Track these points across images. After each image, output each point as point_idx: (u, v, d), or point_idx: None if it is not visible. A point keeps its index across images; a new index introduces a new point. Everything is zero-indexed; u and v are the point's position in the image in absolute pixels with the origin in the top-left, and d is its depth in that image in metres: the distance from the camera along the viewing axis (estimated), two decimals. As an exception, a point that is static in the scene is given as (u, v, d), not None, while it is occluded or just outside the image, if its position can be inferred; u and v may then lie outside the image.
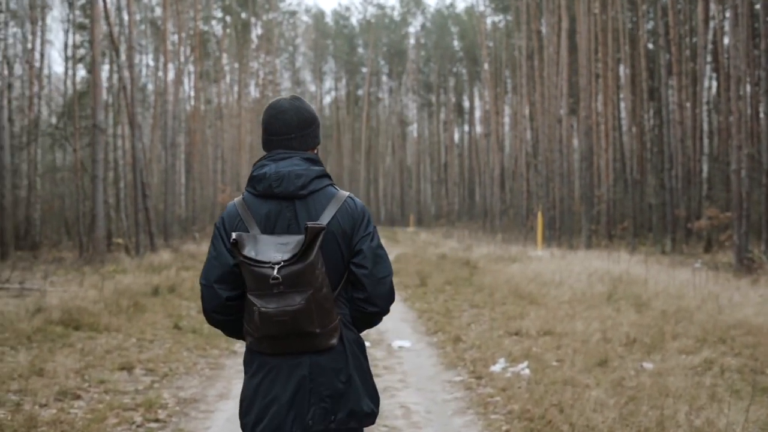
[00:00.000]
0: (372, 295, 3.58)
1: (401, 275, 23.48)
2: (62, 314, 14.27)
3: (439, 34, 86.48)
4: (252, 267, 3.35)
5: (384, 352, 11.75)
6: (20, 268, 25.33)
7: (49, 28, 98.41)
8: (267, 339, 3.41)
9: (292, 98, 3.73)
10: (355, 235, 3.59)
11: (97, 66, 28.87)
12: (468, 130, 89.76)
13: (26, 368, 9.97)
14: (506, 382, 9.10)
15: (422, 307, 16.63)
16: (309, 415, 3.44)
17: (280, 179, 3.51)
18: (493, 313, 15.03)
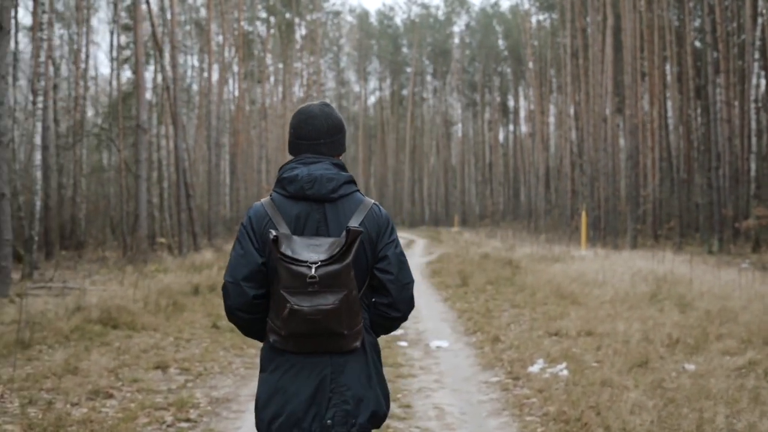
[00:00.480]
0: (396, 300, 3.66)
1: (443, 275, 23.33)
2: (101, 313, 14.28)
3: (483, 33, 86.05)
4: (289, 265, 3.39)
5: (421, 352, 11.60)
6: (64, 267, 25.53)
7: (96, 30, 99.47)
8: (294, 337, 3.45)
9: (322, 104, 3.81)
10: (379, 241, 3.66)
11: (141, 66, 29.02)
12: (513, 130, 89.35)
13: (61, 367, 9.94)
14: (543, 383, 8.91)
15: (462, 307, 16.47)
16: (329, 414, 3.48)
17: (312, 181, 3.57)
18: (533, 313, 14.82)
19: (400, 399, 8.57)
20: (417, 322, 14.69)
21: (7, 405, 8.23)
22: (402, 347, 11.99)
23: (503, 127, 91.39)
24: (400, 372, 9.98)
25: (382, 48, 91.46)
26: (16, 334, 12.31)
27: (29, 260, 23.36)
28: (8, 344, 11.62)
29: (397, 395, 8.70)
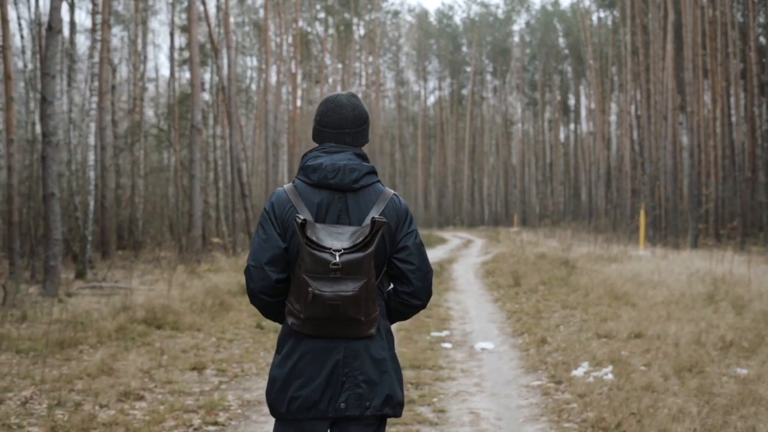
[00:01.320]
0: (417, 289, 3.78)
1: (496, 275, 22.99)
2: (145, 313, 14.22)
3: (543, 32, 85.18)
4: (313, 250, 3.49)
5: (465, 354, 11.30)
6: (119, 266, 25.59)
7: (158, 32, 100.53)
8: (312, 321, 3.53)
9: (349, 95, 3.89)
10: (399, 231, 3.76)
11: (195, 67, 29.03)
12: (574, 129, 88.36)
13: (96, 367, 9.83)
14: (586, 387, 8.57)
15: (513, 307, 16.12)
16: (342, 398, 3.59)
17: (336, 171, 3.66)
18: (585, 314, 14.42)
19: (435, 403, 8.29)
20: (464, 323, 14.39)
21: (35, 406, 8.11)
22: (446, 349, 11.71)
23: (564, 126, 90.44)
24: (439, 375, 9.69)
25: (442, 47, 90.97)
26: (58, 334, 12.27)
27: (82, 260, 23.47)
28: (49, 344, 11.57)
29: (432, 399, 8.43)
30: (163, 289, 17.48)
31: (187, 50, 45.90)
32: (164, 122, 44.06)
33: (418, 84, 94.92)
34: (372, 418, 3.64)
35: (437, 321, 14.59)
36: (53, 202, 17.64)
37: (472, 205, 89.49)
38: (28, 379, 9.18)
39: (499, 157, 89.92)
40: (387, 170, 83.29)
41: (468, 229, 74.15)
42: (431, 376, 9.57)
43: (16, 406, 8.06)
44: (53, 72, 17.61)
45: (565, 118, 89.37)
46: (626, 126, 56.57)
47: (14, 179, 23.89)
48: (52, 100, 17.60)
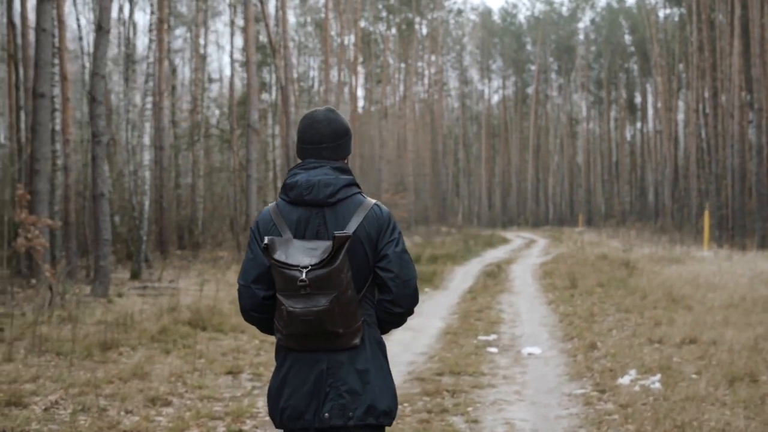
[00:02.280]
0: (398, 297, 3.77)
1: (553, 276, 22.49)
2: (191, 314, 14.07)
3: (609, 29, 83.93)
4: (282, 269, 3.57)
5: (510, 360, 10.91)
6: (177, 266, 25.59)
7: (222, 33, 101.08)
8: (294, 336, 3.63)
9: (326, 110, 3.94)
10: (380, 240, 3.77)
11: (252, 67, 29.01)
12: (640, 127, 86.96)
13: (129, 371, 9.65)
14: (631, 397, 8.15)
15: (566, 310, 15.67)
16: (326, 408, 3.65)
17: (310, 187, 3.72)
18: (640, 318, 13.93)
19: (470, 413, 7.94)
20: (514, 327, 14.00)
21: (59, 411, 7.94)
22: (491, 354, 11.34)
23: (630, 125, 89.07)
24: (479, 382, 9.34)
25: (505, 46, 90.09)
26: (99, 335, 12.15)
27: (137, 260, 23.50)
28: (89, 346, 11.45)
29: (467, 408, 8.09)
30: (213, 290, 17.34)
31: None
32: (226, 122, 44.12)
33: (481, 83, 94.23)
34: (361, 427, 3.67)
35: (487, 324, 14.23)
36: (103, 202, 17.60)
37: (537, 204, 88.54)
38: (59, 383, 9.02)
39: (563, 156, 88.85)
40: (450, 169, 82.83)
41: (532, 229, 73.30)
42: (470, 383, 9.23)
43: (40, 411, 7.89)
44: (102, 72, 17.59)
45: (631, 117, 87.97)
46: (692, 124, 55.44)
47: (71, 179, 24.05)
48: (102, 100, 17.57)
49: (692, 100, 56.11)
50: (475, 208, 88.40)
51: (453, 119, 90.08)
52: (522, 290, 20.06)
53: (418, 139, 70.96)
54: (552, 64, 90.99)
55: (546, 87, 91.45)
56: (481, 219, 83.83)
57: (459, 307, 16.69)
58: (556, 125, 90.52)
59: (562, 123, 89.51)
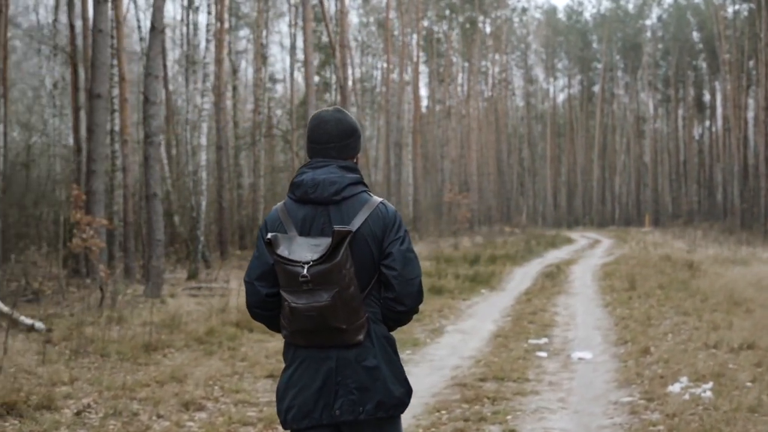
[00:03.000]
0: (400, 294, 3.78)
1: (613, 278, 22.01)
2: (240, 315, 13.95)
3: (677, 26, 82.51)
4: (285, 265, 3.63)
5: (558, 365, 10.58)
6: (236, 267, 25.57)
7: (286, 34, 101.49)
8: (299, 332, 3.69)
9: (334, 110, 3.98)
10: (385, 238, 3.80)
11: (309, 66, 28.95)
12: (708, 126, 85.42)
13: (168, 374, 9.53)
14: (679, 406, 7.80)
15: (622, 313, 15.24)
16: (337, 404, 3.69)
17: (315, 186, 3.77)
18: (698, 321, 13.50)
19: (508, 422, 7.64)
20: (567, 330, 13.65)
21: (90, 415, 7.82)
22: (539, 358, 11.01)
23: (698, 123, 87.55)
24: (522, 388, 9.03)
25: (571, 44, 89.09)
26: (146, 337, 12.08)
27: (195, 260, 23.52)
28: (133, 348, 11.38)
29: (506, 417, 7.79)
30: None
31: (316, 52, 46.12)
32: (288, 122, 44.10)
33: (546, 81, 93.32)
34: (371, 421, 3.72)
35: (539, 327, 13.90)
36: (155, 202, 17.60)
37: (603, 204, 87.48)
38: (95, 386, 8.92)
39: (630, 155, 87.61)
40: (515, 169, 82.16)
41: (597, 229, 72.35)
42: (513, 389, 8.93)
43: (71, 414, 7.79)
44: (156, 72, 17.58)
45: (699, 115, 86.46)
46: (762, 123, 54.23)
47: (129, 179, 24.15)
48: (155, 100, 17.57)
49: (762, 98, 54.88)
50: (540, 208, 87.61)
51: (518, 118, 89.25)
52: (580, 292, 19.65)
53: (482, 139, 70.48)
54: (618, 62, 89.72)
55: (612, 85, 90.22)
56: (546, 219, 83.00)
57: (513, 309, 16.37)
58: (622, 124, 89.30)
59: (628, 122, 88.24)
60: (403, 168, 53.56)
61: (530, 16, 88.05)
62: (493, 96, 77.38)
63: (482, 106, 74.47)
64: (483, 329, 13.92)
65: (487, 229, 56.13)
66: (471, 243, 39.57)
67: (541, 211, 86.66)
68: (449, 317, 15.56)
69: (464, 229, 49.70)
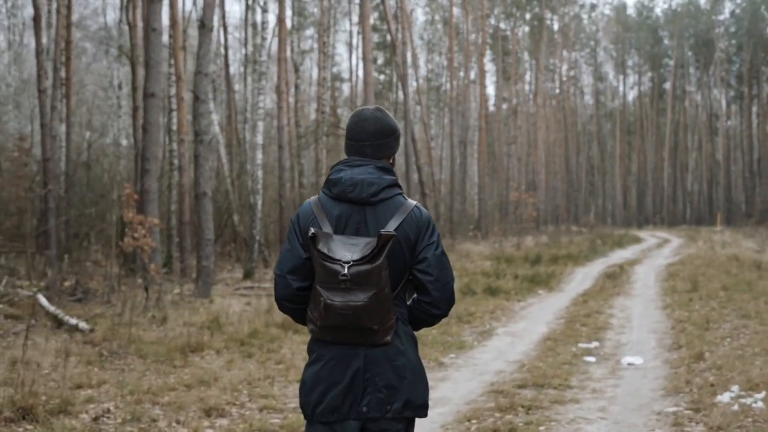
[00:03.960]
0: (436, 299, 3.84)
1: (676, 279, 21.36)
2: (285, 316, 13.67)
3: (750, 21, 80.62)
4: (324, 261, 3.65)
5: (606, 370, 10.11)
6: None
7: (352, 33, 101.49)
8: (328, 328, 3.71)
9: (375, 109, 4.00)
10: (419, 242, 3.82)
11: (368, 64, 28.70)
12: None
13: (198, 377, 9.29)
14: (726, 417, 7.31)
15: (681, 316, 14.65)
16: (364, 402, 3.72)
17: (354, 185, 3.78)
18: (759, 325, 12.93)
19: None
20: (621, 333, 13.14)
21: (108, 421, 7.58)
22: (587, 363, 10.54)
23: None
24: (562, 396, 8.58)
25: (641, 40, 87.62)
26: (187, 338, 11.88)
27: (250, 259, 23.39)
28: (172, 349, 11.19)
29: (539, 428, 7.37)
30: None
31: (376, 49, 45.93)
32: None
33: (616, 79, 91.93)
34: (397, 420, 3.76)
35: (592, 330, 13.41)
36: (205, 201, 17.44)
37: (674, 203, 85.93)
38: (121, 389, 8.69)
39: (702, 153, 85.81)
40: (584, 167, 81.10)
41: (668, 228, 70.99)
42: (552, 397, 8.49)
43: (89, 420, 7.56)
44: (206, 70, 17.42)
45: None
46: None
47: (185, 179, 24.11)
48: (205, 98, 17.42)
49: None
50: (609, 207, 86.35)
51: (586, 116, 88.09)
52: (640, 293, 19.05)
53: (550, 137, 69.64)
54: (690, 58, 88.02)
55: (684, 82, 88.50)
56: (616, 218, 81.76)
57: (567, 311, 15.87)
58: (694, 122, 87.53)
59: (700, 119, 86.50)
60: (469, 167, 53.07)
61: (599, 12, 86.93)
62: (561, 94, 76.43)
63: (550, 104, 73.55)
64: (534, 332, 13.49)
65: (554, 228, 55.36)
66: (535, 243, 38.94)
67: (610, 211, 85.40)
68: (501, 319, 15.15)
69: (530, 229, 49.09)
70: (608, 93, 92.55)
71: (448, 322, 14.54)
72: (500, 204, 56.19)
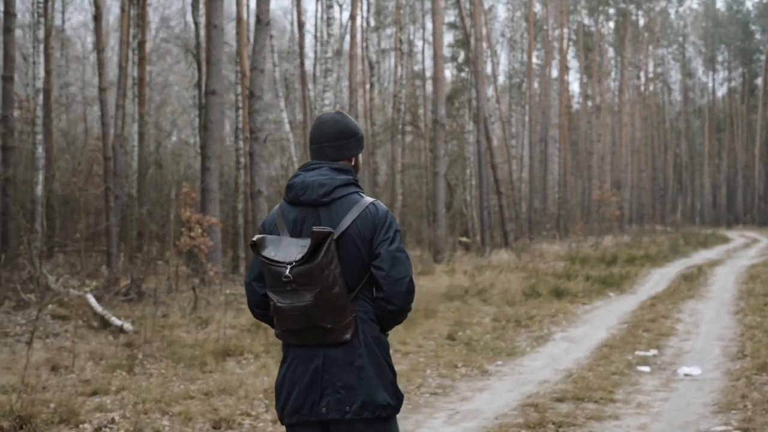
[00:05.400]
0: (389, 294, 3.79)
1: (756, 282, 20.34)
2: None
3: None
4: (269, 266, 3.69)
5: (659, 382, 9.39)
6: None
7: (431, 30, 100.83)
8: (288, 332, 3.74)
9: (335, 113, 4.05)
10: (375, 238, 3.82)
11: (439, 60, 28.17)
12: None
13: (220, 385, 8.86)
14: (778, 439, 6.62)
15: (753, 321, 13.75)
16: (323, 402, 3.71)
17: (305, 188, 3.84)
18: (837, 333, 12.05)
19: (569, 453, 6.62)
20: (685, 340, 12.35)
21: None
22: (639, 373, 9.83)
23: None
24: (601, 412, 7.88)
25: (731, 35, 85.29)
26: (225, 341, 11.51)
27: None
28: (208, 353, 10.83)
29: (568, 447, 6.76)
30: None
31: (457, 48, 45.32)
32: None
33: (705, 75, 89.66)
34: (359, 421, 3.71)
35: (654, 336, 12.63)
36: (260, 200, 17.11)
37: (765, 202, 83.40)
38: (138, 396, 8.29)
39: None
40: (671, 165, 79.28)
41: (759, 228, 68.82)
42: (590, 412, 7.83)
43: (91, 430, 7.17)
44: (261, 66, 17.07)
45: None
46: None
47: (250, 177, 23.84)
48: (260, 94, 17.07)
49: None
50: (698, 206, 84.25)
51: (674, 113, 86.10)
52: (715, 296, 18.12)
53: (636, 134, 68.19)
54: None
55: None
56: (704, 217, 79.75)
57: (633, 315, 15.10)
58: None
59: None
60: (550, 165, 52.11)
61: (687, 7, 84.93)
62: (648, 90, 74.80)
63: (636, 101, 72.02)
64: (593, 337, 12.79)
65: (637, 227, 54.06)
66: (615, 242, 37.88)
67: (699, 210, 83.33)
68: (561, 323, 14.46)
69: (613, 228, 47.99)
70: (697, 89, 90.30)
71: (504, 326, 13.98)
72: (582, 203, 55.05)
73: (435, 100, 27.54)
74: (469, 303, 16.54)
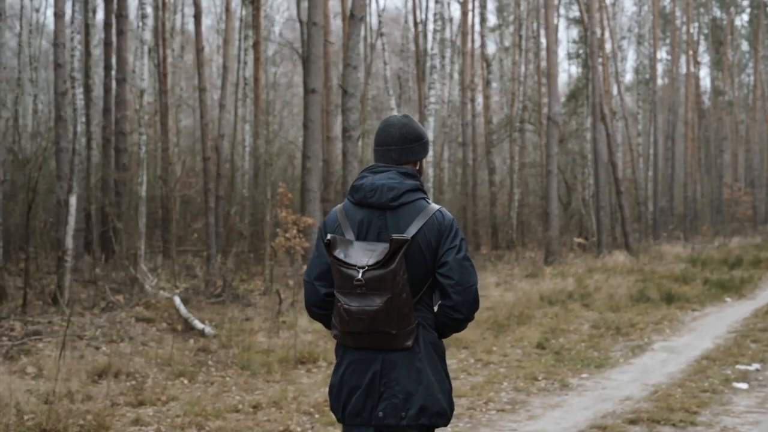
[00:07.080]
0: (457, 303, 3.81)
1: None
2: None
3: None
4: (340, 267, 3.72)
5: (754, 401, 8.41)
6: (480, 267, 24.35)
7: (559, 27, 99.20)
8: (349, 334, 3.76)
9: (402, 116, 4.05)
10: (441, 246, 3.82)
11: (552, 55, 27.38)
12: None
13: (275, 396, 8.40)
14: None
15: None
16: (380, 407, 3.73)
17: (374, 190, 3.84)
18: None
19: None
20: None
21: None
22: (735, 391, 8.94)
23: None
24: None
25: None
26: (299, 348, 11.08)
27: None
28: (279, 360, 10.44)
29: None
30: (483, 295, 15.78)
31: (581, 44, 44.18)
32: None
33: None
34: (414, 427, 3.71)
35: (761, 348, 11.62)
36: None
37: None
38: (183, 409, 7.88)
39: None
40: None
41: None
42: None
43: (119, 447, 6.78)
44: (355, 62, 16.65)
45: None
46: None
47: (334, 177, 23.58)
48: (354, 92, 16.63)
49: None
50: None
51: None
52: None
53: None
54: None
55: None
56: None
57: (744, 324, 14.05)
58: None
59: None
60: (677, 163, 50.37)
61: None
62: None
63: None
64: (696, 348, 11.88)
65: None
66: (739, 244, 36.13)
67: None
68: (664, 331, 13.52)
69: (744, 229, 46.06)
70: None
71: (601, 334, 13.18)
72: (712, 202, 53.01)
73: (549, 97, 26.67)
74: (569, 308, 15.73)
